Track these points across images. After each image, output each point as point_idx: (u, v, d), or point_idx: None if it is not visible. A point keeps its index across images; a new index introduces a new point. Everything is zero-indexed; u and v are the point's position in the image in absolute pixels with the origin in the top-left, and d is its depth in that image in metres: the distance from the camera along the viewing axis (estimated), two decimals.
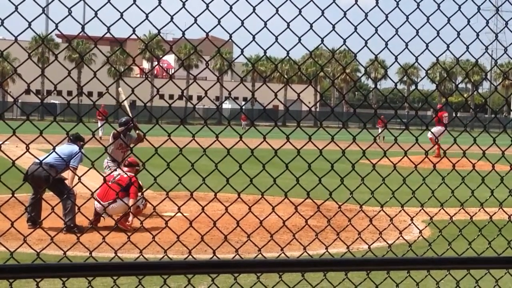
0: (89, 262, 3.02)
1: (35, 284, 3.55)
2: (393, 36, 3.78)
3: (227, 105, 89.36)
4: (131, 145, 13.62)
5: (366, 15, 3.69)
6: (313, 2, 3.54)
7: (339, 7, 3.65)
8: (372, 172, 4.01)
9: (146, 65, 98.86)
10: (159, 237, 3.92)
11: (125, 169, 12.69)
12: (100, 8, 3.13)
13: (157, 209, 3.76)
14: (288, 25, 3.50)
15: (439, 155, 26.55)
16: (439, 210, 4.49)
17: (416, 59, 3.85)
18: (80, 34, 3.26)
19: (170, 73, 77.09)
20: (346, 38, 3.66)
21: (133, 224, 13.28)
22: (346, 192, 3.88)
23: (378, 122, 31.14)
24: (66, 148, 12.74)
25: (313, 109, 3.97)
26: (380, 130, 40.65)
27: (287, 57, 3.58)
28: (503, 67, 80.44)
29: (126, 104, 14.33)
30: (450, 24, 3.93)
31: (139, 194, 11.95)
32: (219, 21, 3.34)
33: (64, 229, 11.99)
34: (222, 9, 3.44)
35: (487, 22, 4.10)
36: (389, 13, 3.77)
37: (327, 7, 3.60)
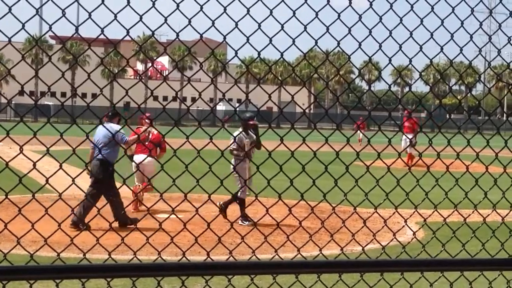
0: (83, 263, 3.02)
1: (29, 285, 3.55)
2: (387, 38, 3.78)
3: (221, 106, 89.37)
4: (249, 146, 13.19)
5: (360, 17, 3.70)
6: (307, 3, 3.54)
7: (333, 9, 3.66)
8: (366, 174, 4.02)
9: (140, 66, 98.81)
10: (153, 238, 3.92)
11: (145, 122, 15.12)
12: (94, 10, 3.13)
13: (151, 210, 3.76)
14: (282, 26, 3.50)
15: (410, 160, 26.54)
16: (433, 212, 4.49)
17: (410, 61, 3.86)
18: (74, 36, 3.26)
19: (164, 75, 77.04)
20: (340, 40, 3.67)
21: (141, 207, 14.10)
22: (340, 194, 3.88)
23: (356, 124, 30.83)
24: (101, 132, 12.23)
25: (307, 110, 3.97)
26: (359, 132, 40.70)
27: (281, 59, 3.59)
28: (497, 69, 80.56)
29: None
30: (444, 26, 3.93)
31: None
32: (213, 23, 3.34)
33: (119, 225, 11.97)
34: (216, 10, 3.44)
35: (481, 24, 4.10)
36: (383, 15, 3.78)
37: (321, 8, 3.60)
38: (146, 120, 15.29)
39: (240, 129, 13.50)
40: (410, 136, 28.10)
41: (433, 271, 3.62)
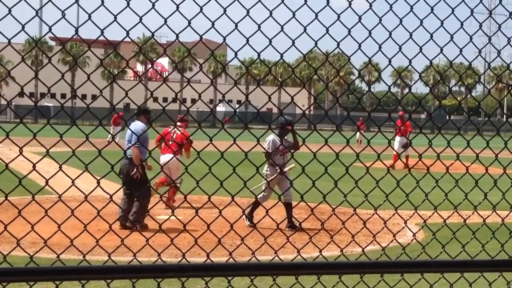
0: (83, 265, 3.02)
1: (28, 287, 3.54)
2: (386, 39, 3.78)
3: (221, 108, 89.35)
4: (288, 150, 12.93)
5: (360, 18, 3.70)
6: (307, 5, 3.54)
7: (332, 10, 3.65)
8: (366, 175, 4.02)
9: (140, 68, 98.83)
10: (153, 240, 3.92)
11: (178, 124, 15.24)
12: (93, 11, 3.13)
13: (151, 212, 3.75)
14: (282, 28, 3.50)
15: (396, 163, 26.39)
16: (433, 213, 4.49)
17: (410, 62, 3.86)
18: (74, 37, 3.26)
19: (164, 76, 77.09)
20: (340, 41, 3.67)
21: (174, 202, 14.33)
22: (340, 195, 3.88)
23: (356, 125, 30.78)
24: (129, 130, 12.23)
25: (307, 112, 3.97)
26: (358, 134, 40.66)
27: (281, 60, 3.59)
28: (496, 70, 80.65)
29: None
30: (444, 27, 3.93)
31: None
32: (213, 24, 3.34)
33: (128, 221, 11.88)
34: (216, 12, 3.44)
35: (480, 25, 4.10)
36: (382, 16, 3.78)
37: (321, 10, 3.60)
38: (178, 123, 15.65)
39: (273, 135, 13.23)
40: (399, 138, 28.00)
41: (433, 272, 3.62)
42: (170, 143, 14.97)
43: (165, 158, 14.49)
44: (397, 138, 27.25)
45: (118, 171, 11.97)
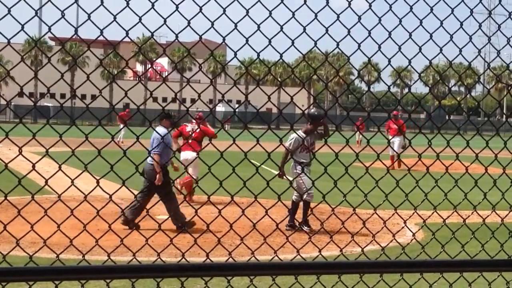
0: (82, 265, 3.02)
1: (28, 287, 3.54)
2: (386, 39, 3.78)
3: (220, 108, 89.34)
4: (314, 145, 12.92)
5: (359, 18, 3.70)
6: (306, 5, 3.54)
7: (332, 10, 3.65)
8: (365, 175, 4.02)
9: (139, 68, 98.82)
10: (152, 240, 3.92)
11: (194, 121, 16.39)
12: (93, 11, 3.13)
13: (150, 212, 3.76)
14: (282, 28, 3.50)
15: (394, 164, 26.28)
16: (432, 213, 4.49)
17: (409, 62, 3.86)
18: (73, 37, 3.26)
19: (164, 76, 77.10)
20: (339, 41, 3.67)
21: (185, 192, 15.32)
22: (339, 195, 3.88)
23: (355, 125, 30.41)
24: (153, 135, 12.18)
25: (306, 112, 3.96)
26: (357, 134, 40.52)
27: (281, 60, 3.59)
28: (496, 70, 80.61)
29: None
30: (443, 27, 3.93)
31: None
32: (212, 24, 3.34)
33: (178, 226, 11.71)
34: (216, 12, 3.44)
35: (480, 25, 4.10)
36: (382, 16, 3.78)
37: (320, 10, 3.60)
38: (193, 120, 16.51)
39: (296, 133, 12.88)
40: (397, 139, 27.82)
41: (433, 272, 3.62)
42: (190, 141, 15.77)
43: (185, 155, 15.52)
44: (396, 138, 27.08)
45: (142, 171, 12.09)
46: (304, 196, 12.32)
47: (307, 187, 12.34)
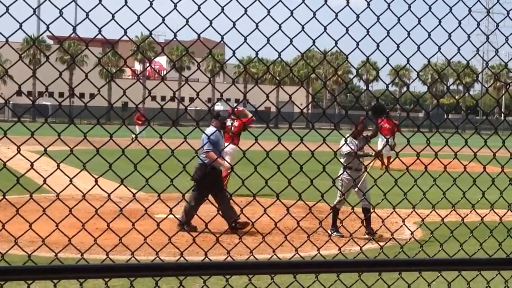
0: (81, 264, 3.02)
1: (26, 286, 3.54)
2: (384, 38, 3.78)
3: (219, 106, 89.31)
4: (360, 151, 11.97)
5: (358, 16, 3.70)
6: (305, 3, 3.54)
7: (330, 8, 3.65)
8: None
9: (138, 66, 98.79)
10: (151, 238, 3.92)
11: (232, 117, 16.79)
12: (91, 10, 3.12)
13: (148, 210, 3.76)
14: (280, 26, 3.50)
15: (384, 163, 26.17)
16: (431, 212, 4.49)
17: (408, 60, 3.86)
18: (72, 36, 3.25)
19: (162, 75, 77.10)
20: (338, 39, 3.67)
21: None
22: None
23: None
24: (203, 135, 12.25)
25: (305, 110, 3.98)
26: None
27: (279, 59, 3.59)
28: (494, 69, 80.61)
29: None
30: (442, 26, 3.93)
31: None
32: (210, 23, 3.34)
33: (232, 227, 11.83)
34: (214, 10, 3.44)
35: (478, 24, 4.11)
36: (380, 14, 3.78)
37: (319, 8, 3.60)
38: (231, 117, 17.15)
39: (348, 137, 11.85)
40: (390, 138, 27.54)
41: (431, 271, 3.62)
42: (230, 134, 16.65)
43: (226, 148, 16.58)
44: (387, 138, 26.75)
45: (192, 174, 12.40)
46: (335, 202, 11.81)
47: (345, 195, 11.41)
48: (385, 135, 26.81)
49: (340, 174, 11.52)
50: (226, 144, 16.15)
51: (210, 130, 13.09)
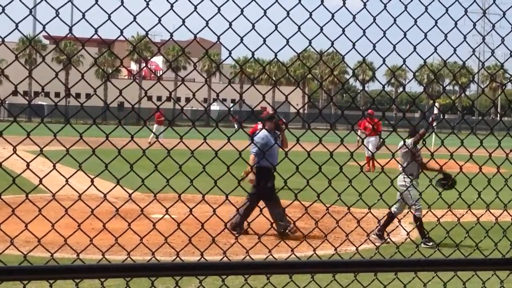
0: (77, 264, 3.01)
1: (22, 286, 3.54)
2: (380, 38, 3.79)
3: (215, 107, 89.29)
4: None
5: (354, 17, 3.70)
6: (301, 4, 3.54)
7: (326, 9, 3.66)
8: (360, 174, 4.02)
9: (134, 66, 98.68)
10: (147, 239, 3.91)
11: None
12: (87, 10, 3.12)
13: (144, 211, 3.75)
14: (276, 27, 3.50)
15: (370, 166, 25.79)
16: (427, 212, 4.50)
17: (404, 61, 3.86)
18: (68, 36, 3.25)
19: (158, 75, 76.98)
20: (334, 40, 3.67)
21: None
22: (334, 194, 3.89)
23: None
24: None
25: (301, 111, 3.98)
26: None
27: (275, 59, 3.59)
28: (490, 69, 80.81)
29: None
30: (438, 27, 3.94)
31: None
32: (207, 23, 3.34)
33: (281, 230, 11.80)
34: (210, 10, 3.44)
35: (474, 25, 4.11)
36: (376, 15, 3.78)
37: (315, 9, 3.61)
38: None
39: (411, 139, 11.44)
40: (372, 139, 26.92)
41: (427, 271, 3.63)
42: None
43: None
44: (371, 138, 26.22)
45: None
46: (414, 212, 11.30)
47: (413, 201, 10.61)
48: (368, 135, 26.39)
49: (408, 186, 10.44)
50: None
51: (261, 133, 12.98)
